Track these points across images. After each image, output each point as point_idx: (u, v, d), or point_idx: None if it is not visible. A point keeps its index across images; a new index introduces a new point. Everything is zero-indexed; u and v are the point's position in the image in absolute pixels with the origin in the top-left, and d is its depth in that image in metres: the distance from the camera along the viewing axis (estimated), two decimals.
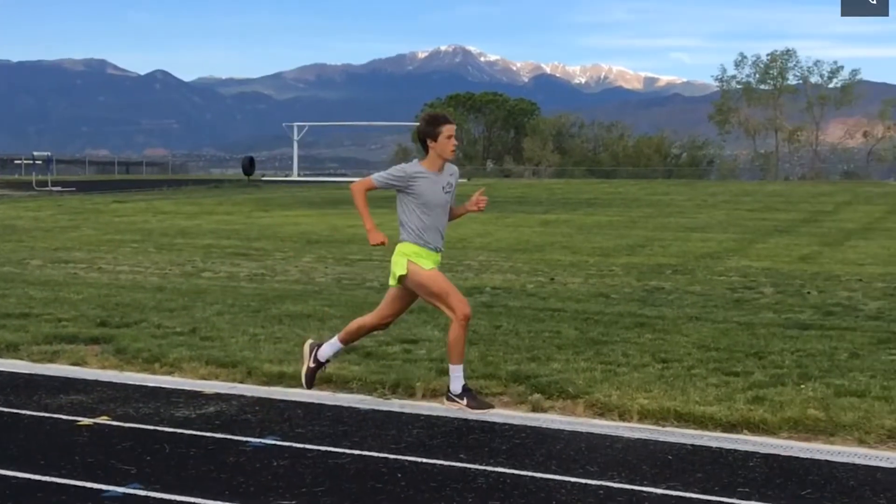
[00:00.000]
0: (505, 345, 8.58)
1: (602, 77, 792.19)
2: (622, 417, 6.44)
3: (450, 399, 6.47)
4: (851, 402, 6.54)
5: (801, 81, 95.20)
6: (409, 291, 6.53)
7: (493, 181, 67.16)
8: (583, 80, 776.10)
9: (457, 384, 6.46)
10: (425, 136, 6.35)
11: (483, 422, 6.34)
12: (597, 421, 6.35)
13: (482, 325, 9.51)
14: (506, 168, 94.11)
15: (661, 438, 6.00)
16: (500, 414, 6.57)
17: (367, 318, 6.77)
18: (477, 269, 14.72)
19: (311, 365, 6.80)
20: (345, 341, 6.81)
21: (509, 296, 11.81)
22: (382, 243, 6.40)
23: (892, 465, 5.45)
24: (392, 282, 6.52)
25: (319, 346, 6.84)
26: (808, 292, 12.18)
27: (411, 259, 6.35)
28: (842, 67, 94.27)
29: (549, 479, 5.21)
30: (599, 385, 7.03)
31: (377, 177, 6.40)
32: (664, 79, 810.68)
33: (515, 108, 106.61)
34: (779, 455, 5.66)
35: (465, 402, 6.40)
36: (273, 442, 5.82)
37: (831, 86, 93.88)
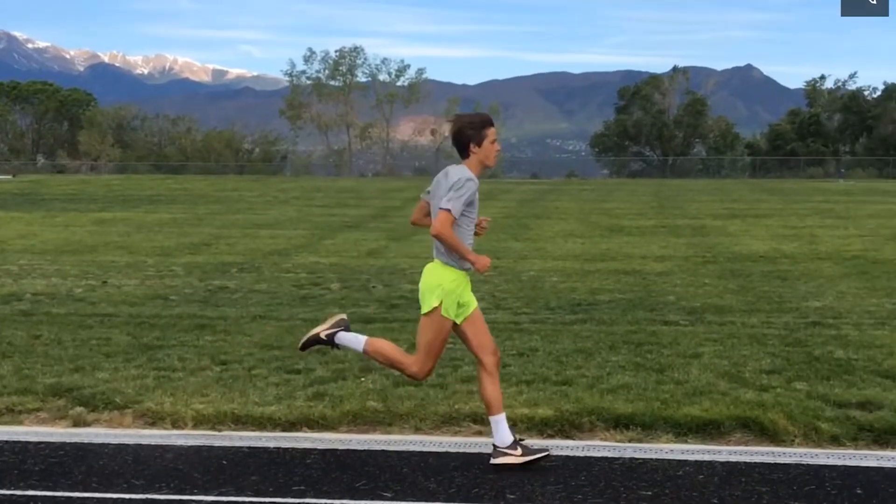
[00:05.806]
0: (45, 356, 8.07)
1: (167, 68, 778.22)
2: (175, 425, 6.31)
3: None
4: (408, 391, 6.92)
5: (370, 79, 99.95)
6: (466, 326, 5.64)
7: (43, 177, 63.32)
8: (146, 71, 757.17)
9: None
10: (469, 140, 5.49)
11: (14, 442, 5.91)
12: (147, 431, 6.17)
13: (18, 336, 8.89)
14: (59, 163, 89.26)
15: (217, 443, 5.96)
16: (35, 432, 6.16)
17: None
18: (17, 273, 13.73)
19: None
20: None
21: (53, 302, 11.14)
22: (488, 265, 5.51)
23: (443, 450, 5.83)
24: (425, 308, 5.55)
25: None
26: (374, 286, 12.75)
27: (443, 307, 5.45)
28: (409, 66, 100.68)
29: (87, 497, 4.96)
30: (151, 393, 6.85)
31: (455, 209, 5.37)
32: (234, 72, 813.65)
33: (69, 98, 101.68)
34: (337, 449, 5.84)
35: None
36: None
37: (399, 84, 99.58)
